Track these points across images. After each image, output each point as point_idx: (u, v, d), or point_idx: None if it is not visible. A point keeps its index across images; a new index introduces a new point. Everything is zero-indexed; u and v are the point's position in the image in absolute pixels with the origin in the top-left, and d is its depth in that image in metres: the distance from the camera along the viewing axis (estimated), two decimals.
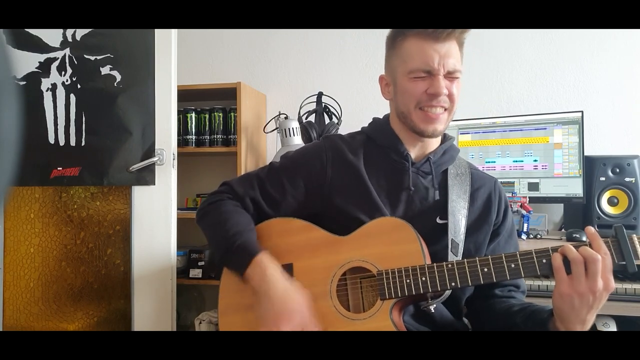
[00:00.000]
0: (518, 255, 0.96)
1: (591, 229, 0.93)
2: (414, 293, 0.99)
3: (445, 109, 1.07)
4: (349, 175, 1.13)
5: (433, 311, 1.03)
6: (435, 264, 1.00)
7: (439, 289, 0.99)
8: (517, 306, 1.08)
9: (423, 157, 1.15)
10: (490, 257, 0.97)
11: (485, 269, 0.97)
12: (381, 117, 1.22)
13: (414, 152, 1.15)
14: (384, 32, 1.16)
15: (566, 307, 0.90)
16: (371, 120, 1.23)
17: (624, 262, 0.90)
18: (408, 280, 0.99)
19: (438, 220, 1.10)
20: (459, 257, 1.07)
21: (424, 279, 0.99)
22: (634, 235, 0.92)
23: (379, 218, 1.07)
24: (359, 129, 1.23)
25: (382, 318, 0.99)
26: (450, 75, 1.06)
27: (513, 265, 0.95)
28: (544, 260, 0.94)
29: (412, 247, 1.02)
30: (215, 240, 1.12)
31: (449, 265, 0.99)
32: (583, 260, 0.88)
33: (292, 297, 0.99)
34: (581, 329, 0.91)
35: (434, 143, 1.16)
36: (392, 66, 1.12)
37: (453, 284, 0.98)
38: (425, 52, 1.04)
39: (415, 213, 1.11)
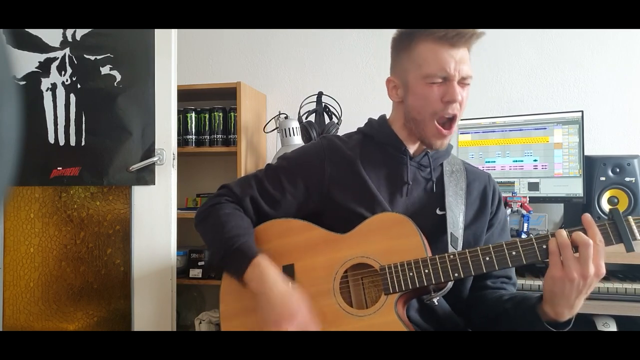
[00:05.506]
0: (519, 243, 0.97)
1: (588, 217, 0.93)
2: (417, 286, 1.00)
3: (455, 116, 1.08)
4: (347, 172, 1.13)
5: (437, 304, 1.04)
6: (437, 255, 1.00)
7: (442, 280, 1.00)
8: (507, 295, 1.10)
9: (421, 151, 1.17)
10: (491, 246, 0.98)
11: (487, 258, 0.97)
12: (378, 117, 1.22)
13: (412, 149, 1.16)
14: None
15: (557, 290, 0.90)
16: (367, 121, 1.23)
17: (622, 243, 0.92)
18: (411, 274, 1.00)
19: (438, 212, 1.12)
20: (459, 250, 1.08)
21: (427, 271, 1.00)
22: (630, 216, 0.93)
23: (379, 214, 1.07)
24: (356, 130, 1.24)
25: (387, 313, 1.00)
26: (463, 81, 1.06)
27: (514, 253, 0.96)
28: (544, 246, 0.95)
29: (413, 240, 1.02)
30: (214, 244, 1.12)
31: (451, 256, 0.99)
32: (570, 245, 0.89)
33: (291, 299, 0.99)
34: (569, 313, 0.92)
35: None
36: (403, 69, 1.10)
37: (456, 274, 0.99)
38: (441, 57, 1.04)
39: (415, 206, 1.13)
